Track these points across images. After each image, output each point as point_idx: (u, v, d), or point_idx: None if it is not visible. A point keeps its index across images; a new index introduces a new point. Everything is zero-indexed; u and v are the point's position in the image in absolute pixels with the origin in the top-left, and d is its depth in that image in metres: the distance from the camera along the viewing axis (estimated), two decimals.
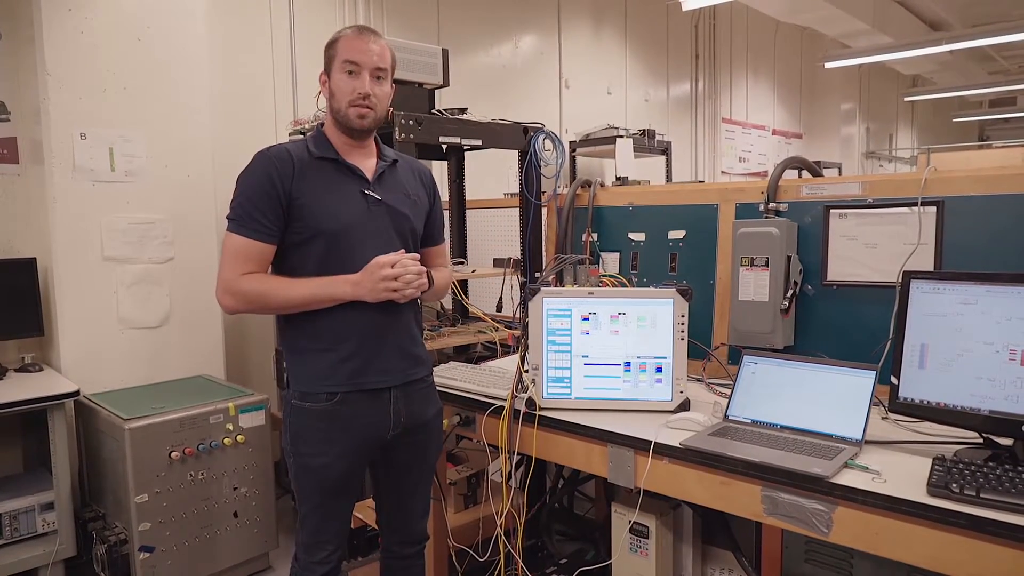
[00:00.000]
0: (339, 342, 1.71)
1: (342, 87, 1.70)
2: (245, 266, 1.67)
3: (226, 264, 1.68)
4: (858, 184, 2.04)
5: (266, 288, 1.68)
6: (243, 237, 1.66)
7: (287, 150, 1.72)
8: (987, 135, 15.20)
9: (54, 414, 2.61)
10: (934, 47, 7.45)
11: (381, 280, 1.67)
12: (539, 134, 2.85)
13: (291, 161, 1.69)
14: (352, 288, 1.68)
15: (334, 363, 1.71)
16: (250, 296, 1.68)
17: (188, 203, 3.15)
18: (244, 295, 1.68)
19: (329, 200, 1.71)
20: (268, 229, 1.67)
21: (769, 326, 2.10)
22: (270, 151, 1.72)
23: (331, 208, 1.70)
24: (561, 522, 3.08)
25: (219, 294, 1.69)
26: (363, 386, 1.73)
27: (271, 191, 1.66)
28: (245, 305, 1.70)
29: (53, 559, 2.62)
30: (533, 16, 5.63)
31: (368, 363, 1.73)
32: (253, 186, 1.67)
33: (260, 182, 1.67)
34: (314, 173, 1.71)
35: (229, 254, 1.68)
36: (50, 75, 2.78)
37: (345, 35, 1.72)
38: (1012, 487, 1.29)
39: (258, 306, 1.72)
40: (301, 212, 1.68)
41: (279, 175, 1.67)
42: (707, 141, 7.69)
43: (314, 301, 1.69)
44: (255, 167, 1.70)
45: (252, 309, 1.74)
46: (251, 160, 1.73)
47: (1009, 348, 1.46)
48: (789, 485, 1.47)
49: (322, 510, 1.76)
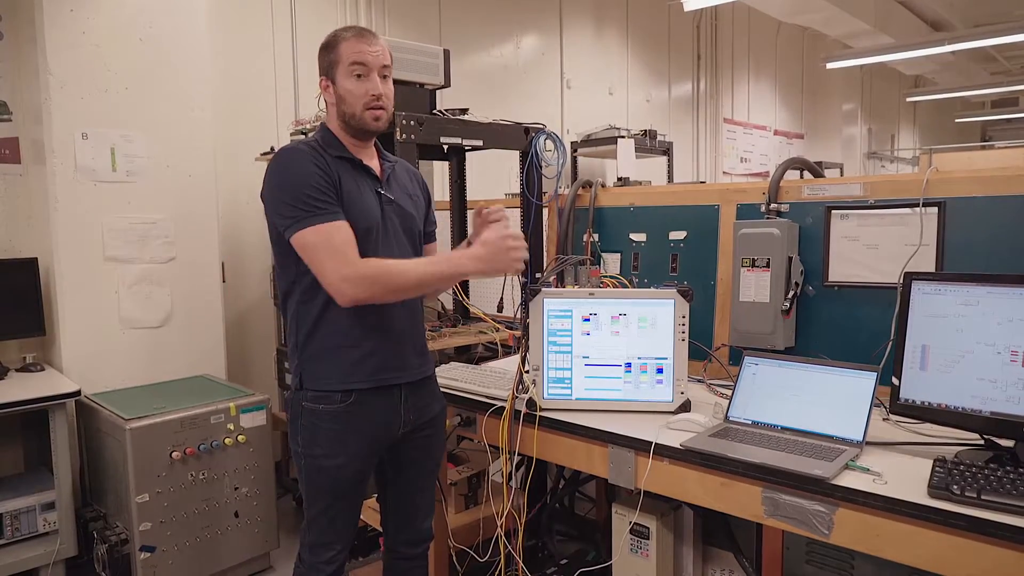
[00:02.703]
0: (363, 339, 1.69)
1: (353, 90, 1.66)
2: (351, 249, 1.57)
3: (328, 257, 1.56)
4: (860, 185, 2.04)
5: (389, 268, 1.60)
6: (333, 222, 1.57)
7: (309, 146, 1.67)
8: (989, 136, 15.18)
9: (55, 414, 2.62)
10: (936, 47, 7.45)
11: (509, 250, 1.65)
12: (540, 134, 2.85)
13: (321, 156, 1.65)
14: (477, 263, 1.66)
15: (356, 360, 1.69)
16: (378, 279, 1.58)
17: (190, 203, 3.16)
18: (370, 278, 1.57)
19: (357, 198, 1.68)
20: (341, 211, 1.60)
21: (770, 327, 2.10)
22: (298, 147, 1.66)
23: (359, 206, 1.67)
24: (562, 523, 3.08)
25: (338, 286, 1.56)
26: (383, 382, 1.72)
27: (326, 178, 1.60)
28: (370, 289, 1.58)
29: (54, 559, 2.63)
30: (534, 16, 5.63)
31: (388, 360, 1.73)
32: (308, 177, 1.59)
33: (313, 171, 1.59)
34: (339, 170, 1.67)
35: (326, 246, 1.55)
36: (52, 75, 2.78)
37: (346, 38, 1.67)
38: (1013, 489, 1.29)
39: (382, 288, 1.60)
40: (343, 205, 1.64)
41: (322, 164, 1.62)
42: (708, 141, 7.69)
43: (441, 278, 1.67)
44: (298, 161, 1.62)
45: (375, 293, 1.60)
46: (282, 159, 1.64)
47: (1010, 349, 1.46)
48: (790, 486, 1.47)
49: (332, 511, 1.75)
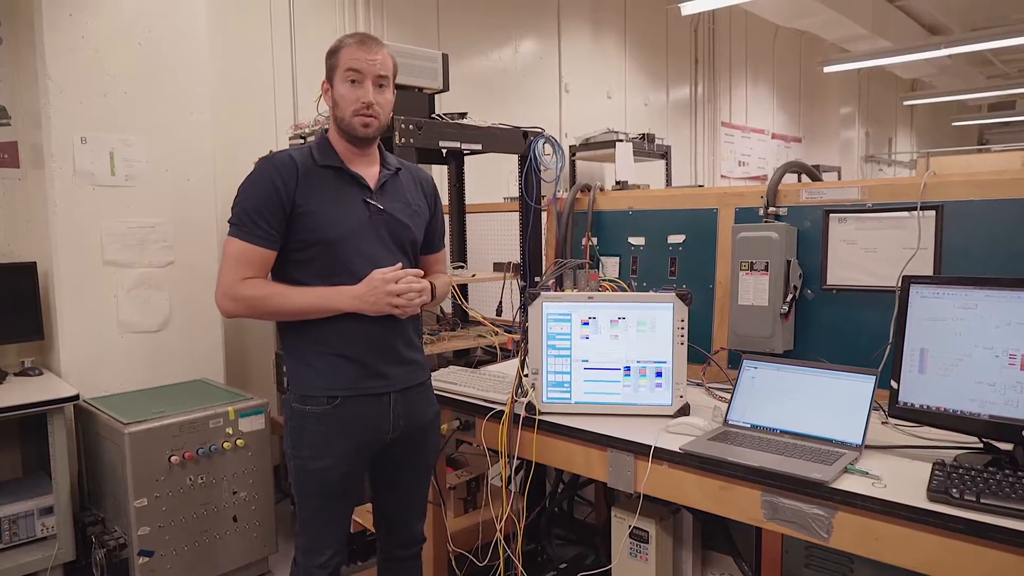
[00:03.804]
0: (341, 348, 1.72)
1: (345, 96, 1.71)
2: (246, 271, 1.68)
3: (226, 269, 1.69)
4: (857, 188, 2.04)
5: (266, 294, 1.69)
6: (244, 242, 1.67)
7: (291, 156, 1.72)
8: (986, 139, 15.20)
9: (54, 418, 2.61)
10: (933, 51, 7.47)
11: (385, 295, 1.68)
12: (539, 138, 2.85)
13: (295, 168, 1.70)
14: (353, 301, 1.69)
15: (335, 368, 1.72)
16: (250, 301, 1.69)
17: (188, 207, 3.16)
18: (244, 300, 1.68)
19: (332, 208, 1.71)
20: (270, 235, 1.67)
21: (769, 330, 2.10)
22: (274, 157, 1.73)
23: (333, 216, 1.71)
24: (561, 527, 3.08)
25: (219, 298, 1.70)
26: (364, 391, 1.74)
27: (274, 197, 1.67)
28: (244, 310, 1.70)
29: (52, 563, 2.62)
30: (533, 20, 5.64)
31: (368, 369, 1.74)
32: (257, 192, 1.68)
33: (264, 188, 1.67)
34: (317, 180, 1.72)
35: (230, 259, 1.68)
36: (51, 79, 2.78)
37: (347, 44, 1.72)
38: (1012, 492, 1.29)
39: (257, 311, 1.72)
40: (303, 219, 1.69)
41: (283, 181, 1.68)
42: (706, 145, 7.70)
43: (313, 310, 1.70)
44: (259, 173, 1.70)
45: (251, 314, 1.74)
46: (255, 166, 1.73)
47: (1008, 353, 1.46)
48: (789, 490, 1.47)
49: (322, 513, 1.77)
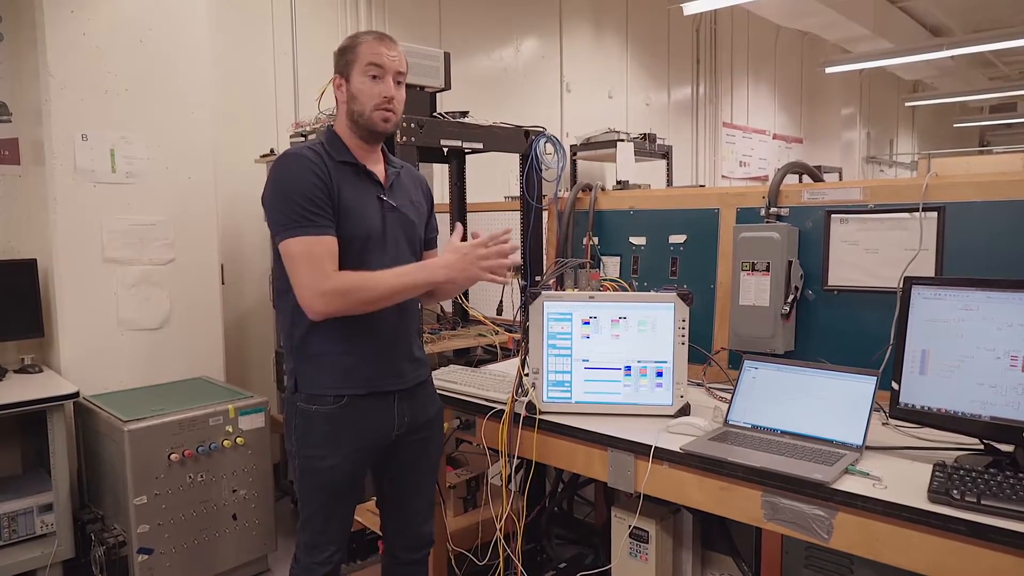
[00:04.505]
0: (356, 346, 1.70)
1: (366, 91, 1.69)
2: (326, 263, 1.59)
3: (304, 268, 1.59)
4: (859, 189, 2.04)
5: (360, 281, 1.61)
6: (312, 236, 1.59)
7: (313, 150, 1.68)
8: (988, 141, 15.22)
9: (53, 415, 2.61)
10: (935, 52, 7.47)
11: (476, 260, 1.65)
12: (540, 138, 2.85)
13: (323, 162, 1.66)
14: (445, 270, 1.66)
15: (349, 366, 1.71)
16: (347, 293, 1.59)
17: (189, 205, 3.16)
18: (341, 292, 1.59)
19: (357, 205, 1.69)
20: (331, 223, 1.62)
21: (770, 331, 2.10)
22: (300, 152, 1.67)
23: (359, 212, 1.68)
24: (560, 526, 3.08)
25: (310, 300, 1.59)
26: (376, 388, 1.73)
27: (322, 187, 1.62)
28: (341, 302, 1.60)
29: (51, 561, 2.62)
30: (534, 20, 5.64)
31: (380, 367, 1.74)
32: (302, 185, 1.61)
33: (309, 181, 1.61)
34: (340, 176, 1.68)
35: (304, 257, 1.58)
36: (52, 76, 2.78)
37: (366, 40, 1.71)
38: (1013, 494, 1.29)
39: (354, 301, 1.61)
40: (339, 214, 1.65)
41: (321, 173, 1.63)
42: (708, 145, 7.70)
43: (414, 287, 1.66)
44: (296, 169, 1.63)
45: (348, 307, 1.62)
46: (282, 165, 1.66)
47: (1010, 354, 1.46)
48: (789, 491, 1.47)
49: (326, 511, 1.77)
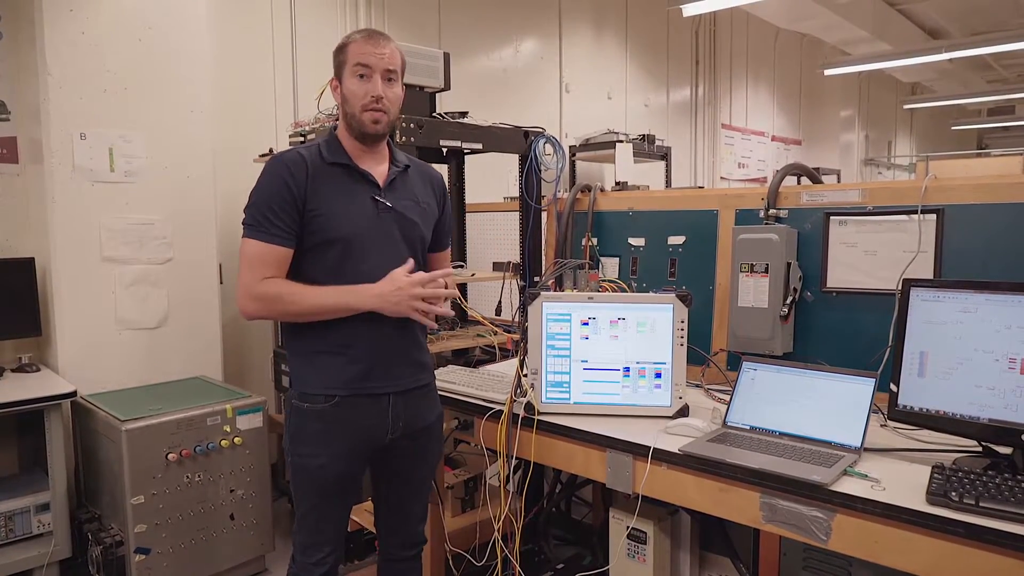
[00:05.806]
0: (349, 347, 1.71)
1: (354, 91, 1.70)
2: (265, 271, 1.65)
3: (246, 270, 1.66)
4: (858, 191, 2.04)
5: (287, 293, 1.66)
6: (261, 242, 1.65)
7: (300, 155, 1.71)
8: (986, 143, 15.25)
9: (51, 415, 2.61)
10: (933, 55, 7.49)
11: (409, 298, 1.67)
12: (539, 138, 2.85)
13: (305, 166, 1.69)
14: (375, 300, 1.67)
15: (341, 367, 1.71)
16: (271, 300, 1.66)
17: (188, 204, 3.15)
18: (266, 300, 1.66)
19: (340, 206, 1.70)
20: (286, 233, 1.66)
21: (768, 332, 2.10)
22: (284, 156, 1.71)
23: (342, 214, 1.70)
24: (558, 527, 3.08)
25: (240, 300, 1.68)
26: (366, 391, 1.73)
27: (287, 195, 1.66)
28: (266, 310, 1.68)
29: (48, 560, 2.61)
30: (534, 20, 5.64)
31: (374, 369, 1.73)
32: (269, 191, 1.66)
33: (276, 187, 1.66)
34: (326, 178, 1.71)
35: (248, 260, 1.66)
36: (51, 75, 2.78)
37: (355, 40, 1.72)
38: (1011, 496, 1.29)
39: (279, 311, 1.69)
40: (314, 218, 1.68)
41: (294, 179, 1.67)
42: (707, 147, 7.71)
43: (337, 309, 1.68)
44: (270, 172, 1.68)
45: (272, 314, 1.71)
46: (265, 166, 1.72)
47: (1008, 357, 1.46)
48: (788, 492, 1.47)
49: (319, 511, 1.77)
